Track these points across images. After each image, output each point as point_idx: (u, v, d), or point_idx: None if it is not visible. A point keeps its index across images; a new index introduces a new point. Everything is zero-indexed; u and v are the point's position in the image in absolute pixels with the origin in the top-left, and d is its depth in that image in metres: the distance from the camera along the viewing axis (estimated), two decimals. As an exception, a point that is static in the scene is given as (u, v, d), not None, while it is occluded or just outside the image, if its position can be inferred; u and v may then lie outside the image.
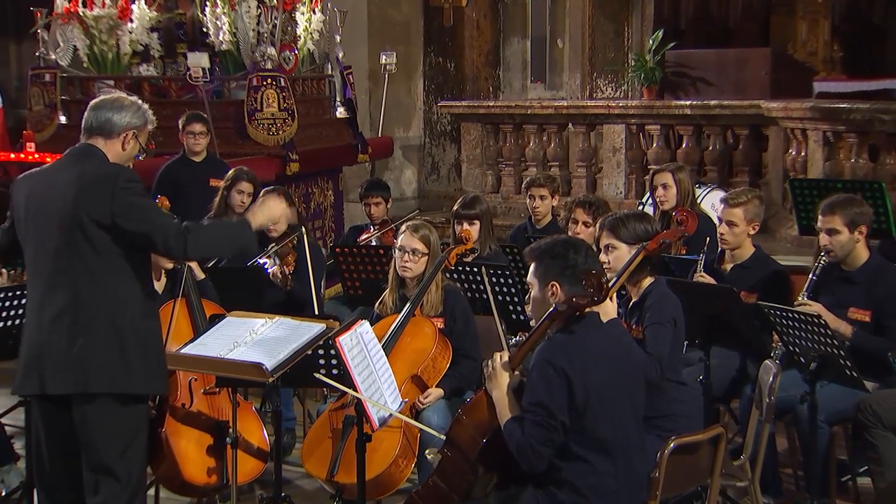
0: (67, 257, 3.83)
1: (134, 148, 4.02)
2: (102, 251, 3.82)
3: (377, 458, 4.34)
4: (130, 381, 3.86)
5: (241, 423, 4.50)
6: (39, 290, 3.93)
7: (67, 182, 3.84)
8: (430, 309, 4.97)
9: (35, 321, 3.94)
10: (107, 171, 3.87)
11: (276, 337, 4.09)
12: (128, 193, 3.83)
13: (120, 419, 3.89)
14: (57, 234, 3.84)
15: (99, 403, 3.85)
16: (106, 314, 3.84)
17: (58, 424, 3.95)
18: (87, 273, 3.83)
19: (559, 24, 11.42)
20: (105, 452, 3.89)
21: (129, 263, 3.88)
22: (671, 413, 4.22)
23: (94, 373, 3.81)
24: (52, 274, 3.87)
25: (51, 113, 8.43)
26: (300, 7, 8.49)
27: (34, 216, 3.93)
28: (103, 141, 3.94)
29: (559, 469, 3.50)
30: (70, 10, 8.37)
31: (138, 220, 3.83)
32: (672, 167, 6.47)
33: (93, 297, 3.83)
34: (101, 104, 4.00)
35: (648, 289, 4.43)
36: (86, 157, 3.92)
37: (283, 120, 8.18)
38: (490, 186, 10.85)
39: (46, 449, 4.01)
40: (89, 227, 3.80)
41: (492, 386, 3.62)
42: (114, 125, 3.94)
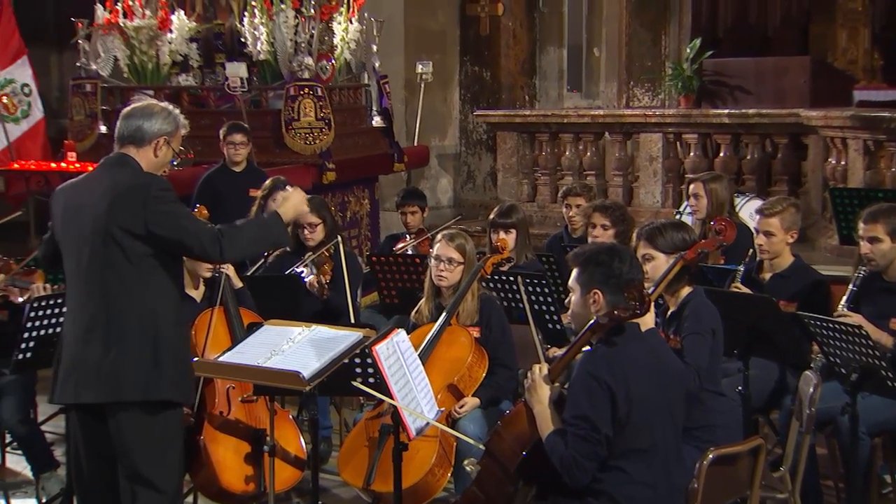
0: (101, 267, 3.87)
1: (167, 154, 4.04)
2: (135, 260, 3.85)
3: (414, 466, 4.34)
4: (160, 388, 3.89)
5: (278, 432, 4.51)
6: (75, 299, 3.97)
7: (101, 192, 3.88)
8: (467, 318, 4.96)
9: (71, 330, 3.98)
10: (139, 180, 3.90)
11: (313, 346, 4.10)
12: (160, 202, 3.86)
13: (153, 427, 3.91)
14: (90, 243, 3.87)
15: (132, 412, 3.88)
16: (138, 323, 3.87)
17: (95, 433, 3.98)
18: (119, 282, 3.86)
19: (596, 33, 11.41)
20: (141, 461, 3.91)
21: (160, 272, 3.91)
22: (710, 424, 4.18)
23: (125, 381, 3.84)
24: (86, 283, 3.91)
25: (91, 123, 8.52)
26: (337, 17, 8.53)
27: (69, 226, 3.97)
28: (135, 149, 3.97)
29: (598, 479, 3.48)
30: (111, 20, 8.46)
31: (172, 228, 3.85)
32: (705, 177, 6.43)
33: (125, 306, 3.86)
34: (131, 112, 4.03)
35: (686, 298, 4.40)
36: (119, 167, 3.96)
37: (320, 129, 8.22)
38: (526, 195, 10.83)
39: (85, 457, 4.05)
40: (122, 236, 3.83)
41: (532, 398, 3.60)
42: (144, 133, 3.97)
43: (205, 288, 5.12)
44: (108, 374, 3.84)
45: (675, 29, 11.07)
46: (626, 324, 3.55)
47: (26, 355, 4.87)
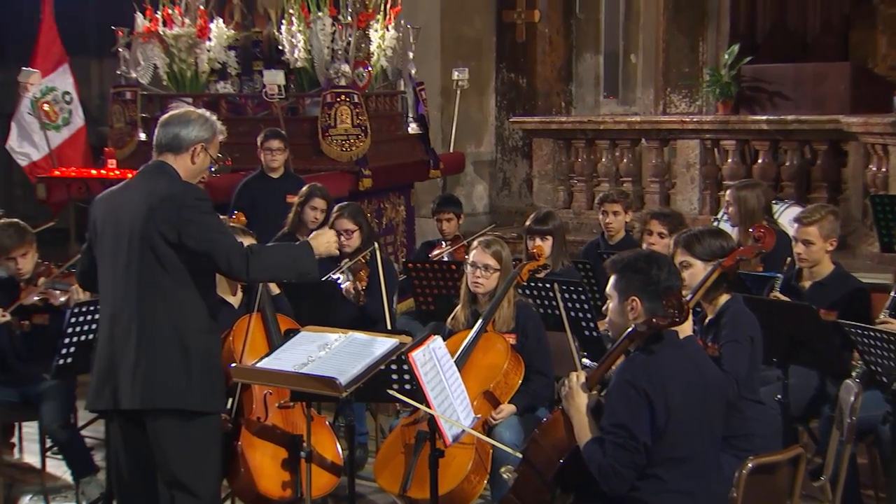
0: (137, 274, 3.90)
1: (204, 161, 4.06)
2: (170, 268, 3.88)
3: (450, 473, 4.33)
4: (192, 397, 3.92)
5: (315, 438, 4.52)
6: (110, 305, 4.01)
7: (138, 200, 3.91)
8: (503, 325, 4.96)
9: (106, 336, 4.01)
10: (175, 189, 3.92)
11: (349, 352, 4.11)
12: (194, 211, 3.88)
13: (189, 434, 3.94)
14: (127, 250, 3.90)
15: (167, 419, 3.91)
16: (171, 330, 3.90)
17: (133, 438, 4.02)
18: (154, 289, 3.89)
19: (633, 39, 11.37)
20: (178, 467, 3.94)
21: (194, 280, 3.93)
22: (749, 433, 4.15)
23: (159, 389, 3.88)
24: (121, 290, 3.94)
25: (131, 130, 8.60)
26: (374, 24, 8.56)
27: (106, 234, 4.01)
28: (173, 157, 4.00)
29: (636, 488, 3.46)
30: (150, 29, 8.54)
31: (202, 239, 3.87)
32: (738, 184, 6.38)
33: (159, 314, 3.90)
34: (168, 120, 4.06)
35: (724, 306, 4.37)
36: (156, 175, 3.99)
37: (356, 136, 8.25)
38: (562, 202, 10.80)
39: (124, 462, 4.09)
40: (158, 244, 3.86)
41: (569, 406, 3.59)
42: (182, 140, 3.99)
43: (242, 294, 5.15)
44: (142, 382, 3.87)
45: (713, 35, 11.01)
46: (664, 332, 3.54)
47: (67, 360, 4.93)
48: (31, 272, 5.48)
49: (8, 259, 5.47)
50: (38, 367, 5.38)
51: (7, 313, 5.27)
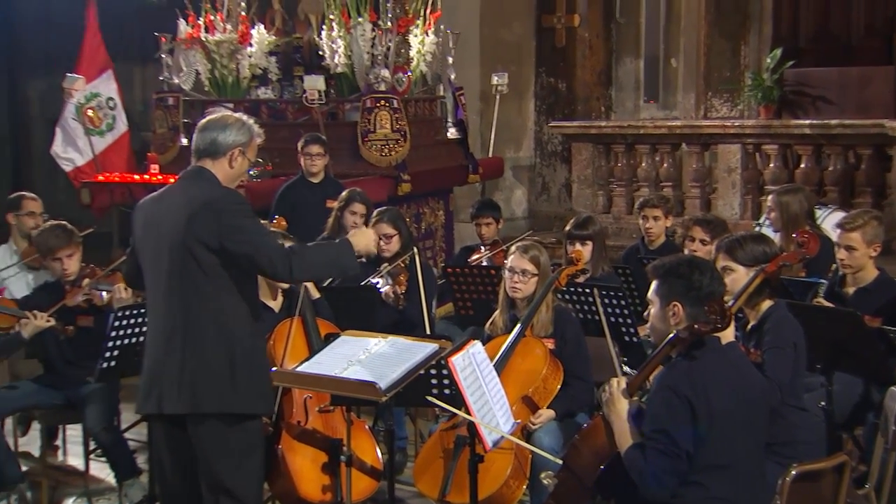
0: (179, 279, 3.92)
1: (242, 164, 4.07)
2: (211, 273, 3.90)
3: (489, 478, 4.32)
4: (238, 401, 3.93)
5: (354, 442, 4.53)
6: (155, 311, 4.04)
7: (178, 206, 3.93)
8: (541, 330, 4.95)
9: (152, 342, 4.04)
10: (214, 194, 3.94)
11: (389, 356, 4.11)
12: (234, 216, 3.90)
13: (232, 438, 3.96)
14: (169, 256, 3.93)
15: (211, 423, 3.93)
16: (215, 335, 3.91)
17: (177, 442, 4.04)
18: (197, 295, 3.91)
19: (673, 43, 11.31)
20: (221, 471, 3.96)
21: (236, 285, 3.95)
22: (792, 440, 4.11)
23: (204, 393, 3.90)
24: (165, 295, 3.96)
25: (174, 135, 8.66)
26: (413, 29, 8.57)
27: (149, 239, 4.03)
28: (211, 162, 4.01)
29: (678, 495, 3.44)
30: (193, 35, 8.59)
31: (243, 243, 3.88)
32: (780, 189, 6.33)
33: (202, 319, 3.91)
34: (206, 126, 4.07)
35: (767, 312, 4.33)
36: (196, 180, 4.01)
37: (396, 141, 8.26)
38: (601, 207, 10.76)
39: (168, 465, 4.12)
40: (198, 249, 3.87)
41: (610, 412, 3.57)
42: (219, 145, 4.01)
43: (283, 298, 5.18)
44: (187, 386, 3.90)
45: (756, 39, 10.93)
46: (706, 337, 3.51)
47: (110, 364, 4.98)
48: (76, 274, 5.55)
49: (54, 260, 5.53)
50: (82, 370, 5.43)
51: (52, 318, 5.32)
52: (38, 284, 5.99)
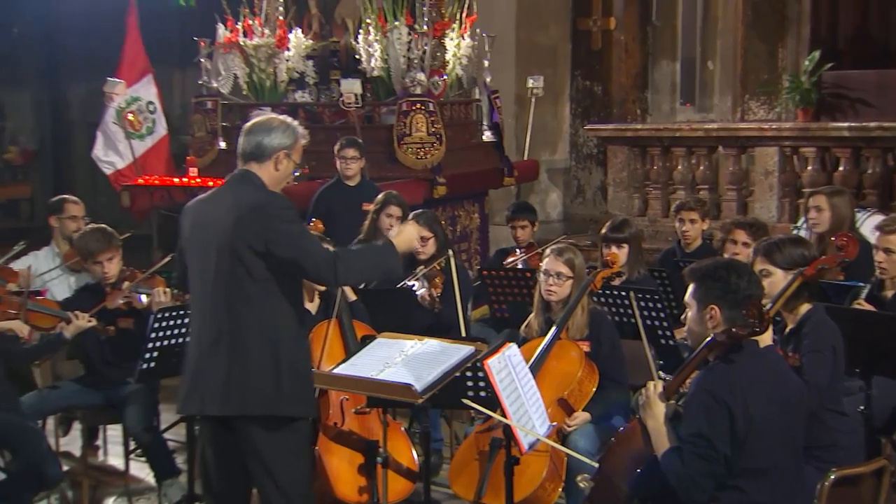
0: (225, 282, 3.93)
1: (288, 167, 4.07)
2: (257, 277, 3.91)
3: (524, 480, 4.32)
4: (282, 403, 3.94)
5: (390, 443, 4.54)
6: (200, 312, 4.06)
7: (225, 210, 3.94)
8: (576, 332, 4.93)
9: (196, 343, 4.06)
10: (261, 198, 3.95)
11: (425, 359, 4.11)
12: (280, 220, 3.91)
13: (280, 439, 3.97)
14: (215, 259, 3.94)
15: (259, 425, 3.94)
16: (260, 338, 3.93)
17: (222, 442, 4.07)
18: (242, 298, 3.92)
19: (710, 46, 11.23)
20: (269, 471, 3.98)
21: (281, 289, 3.96)
22: (831, 444, 4.07)
23: (249, 396, 3.91)
24: (210, 297, 3.98)
25: (212, 139, 8.71)
26: (449, 33, 8.58)
27: (196, 242, 4.05)
28: (257, 165, 4.03)
29: (715, 499, 3.41)
30: (231, 39, 8.64)
31: (290, 248, 3.89)
32: (828, 190, 6.27)
33: (248, 322, 3.92)
34: (251, 129, 4.08)
35: (806, 315, 4.29)
36: (242, 184, 4.02)
37: (431, 144, 8.27)
38: (636, 209, 10.69)
39: (213, 465, 4.14)
40: (245, 253, 3.88)
41: (646, 415, 3.55)
42: (265, 148, 4.02)
43: (320, 301, 5.20)
44: (233, 389, 3.91)
45: (793, 41, 10.82)
46: (744, 341, 3.48)
47: (150, 365, 5.01)
48: (117, 276, 5.59)
49: (95, 263, 5.58)
50: (122, 370, 5.47)
51: (93, 318, 5.37)
52: (79, 286, 6.04)
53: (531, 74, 9.85)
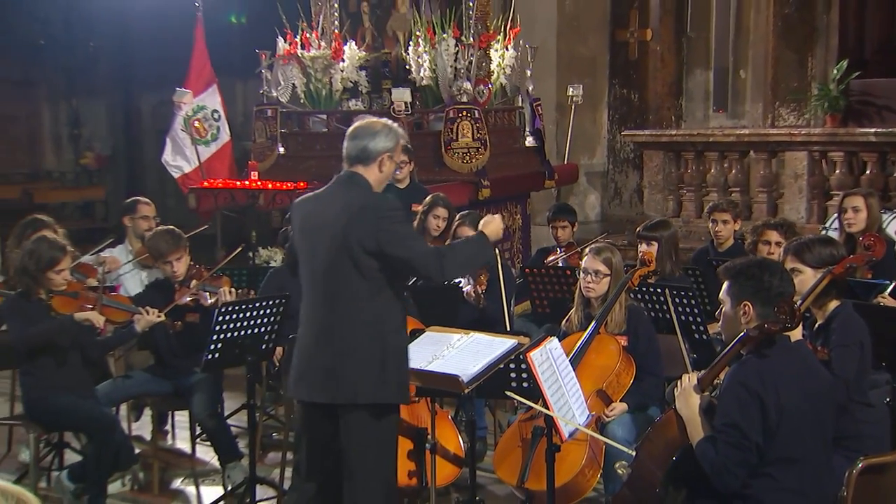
0: (335, 279, 3.95)
1: (390, 168, 4.09)
2: (366, 273, 3.92)
3: (565, 467, 4.30)
4: (385, 392, 3.95)
5: (438, 431, 4.54)
6: (310, 305, 4.07)
7: (337, 211, 3.96)
8: (615, 327, 4.91)
9: (305, 333, 4.08)
10: (371, 200, 3.98)
11: (471, 351, 4.12)
12: (391, 221, 3.93)
13: (377, 426, 3.99)
14: (326, 257, 3.96)
15: (361, 413, 3.95)
16: (366, 331, 3.94)
17: (320, 429, 4.08)
18: (351, 293, 3.94)
19: (742, 56, 11.11)
20: (365, 455, 3.99)
21: (389, 285, 3.97)
22: (858, 434, 4.01)
23: (357, 386, 3.92)
24: (321, 292, 4.00)
25: (272, 144, 8.76)
26: (494, 44, 8.56)
27: (307, 238, 4.08)
28: (363, 167, 4.04)
29: (748, 485, 3.38)
30: (290, 51, 8.69)
31: (400, 246, 3.91)
32: (863, 191, 6.19)
33: (355, 316, 3.94)
34: (356, 133, 4.08)
35: (834, 312, 4.24)
36: (351, 186, 4.03)
37: (477, 149, 8.26)
38: (671, 211, 10.61)
39: (307, 450, 4.16)
40: (356, 251, 3.90)
41: (682, 406, 3.53)
42: (369, 152, 4.03)
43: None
44: (340, 379, 3.93)
45: (822, 51, 10.67)
46: (775, 336, 3.44)
47: (214, 356, 5.05)
48: (185, 275, 5.65)
49: (164, 262, 5.64)
50: (189, 361, 5.53)
51: (163, 314, 5.43)
52: (150, 282, 6.11)
53: (571, 83, 9.80)
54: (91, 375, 5.46)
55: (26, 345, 5.14)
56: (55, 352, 5.14)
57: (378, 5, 9.05)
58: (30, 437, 5.30)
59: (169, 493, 5.64)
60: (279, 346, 5.39)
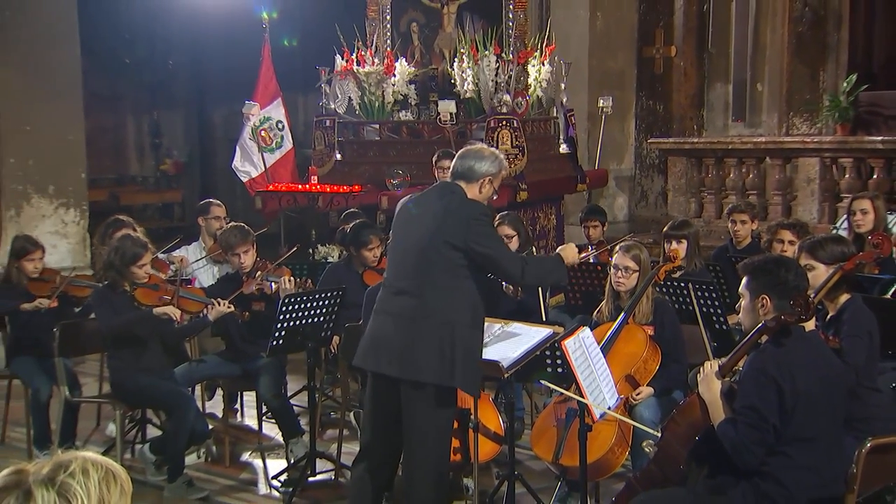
0: (424, 270, 3.96)
1: (489, 191, 4.10)
2: (451, 269, 3.93)
3: (596, 445, 4.27)
4: (452, 377, 3.92)
5: (481, 412, 4.52)
6: (395, 289, 4.06)
7: (434, 213, 3.99)
8: (642, 318, 4.87)
9: (382, 317, 4.07)
10: (466, 206, 3.99)
11: (510, 339, 4.11)
12: (481, 224, 3.96)
13: (437, 408, 3.97)
14: (417, 251, 3.98)
15: (423, 392, 3.94)
16: (443, 319, 3.92)
17: (385, 400, 4.07)
18: (433, 285, 3.94)
19: (759, 70, 10.97)
20: (423, 431, 3.99)
21: (469, 282, 3.97)
22: (867, 417, 3.94)
23: (423, 365, 3.91)
24: (408, 280, 3.99)
25: (330, 152, 8.80)
26: (532, 60, 8.52)
27: (401, 232, 4.11)
28: (465, 183, 4.06)
29: (765, 463, 3.34)
30: (347, 67, 8.72)
31: (488, 247, 3.93)
32: (870, 195, 6.10)
33: (435, 305, 3.94)
34: (466, 153, 4.12)
35: (845, 304, 4.18)
36: (449, 193, 4.06)
37: (515, 155, 8.22)
38: (693, 212, 10.50)
39: (370, 418, 4.16)
40: (446, 249, 3.91)
41: (704, 390, 3.49)
42: (474, 172, 4.05)
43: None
44: (411, 357, 3.92)
45: (833, 65, 10.52)
46: (791, 326, 3.39)
47: (279, 342, 5.08)
48: (251, 267, 5.69)
49: (234, 255, 5.69)
50: (256, 347, 5.56)
51: (232, 305, 5.47)
52: (221, 275, 6.17)
53: (602, 95, 9.72)
54: (169, 359, 5.52)
55: (112, 332, 5.20)
56: (137, 338, 5.20)
57: (426, 25, 9.05)
58: (116, 413, 5.36)
59: (238, 465, 5.68)
60: (336, 335, 5.41)
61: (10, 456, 5.58)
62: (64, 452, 1.87)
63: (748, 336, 3.46)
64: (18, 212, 8.10)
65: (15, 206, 8.09)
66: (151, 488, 5.20)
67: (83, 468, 1.83)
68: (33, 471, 1.83)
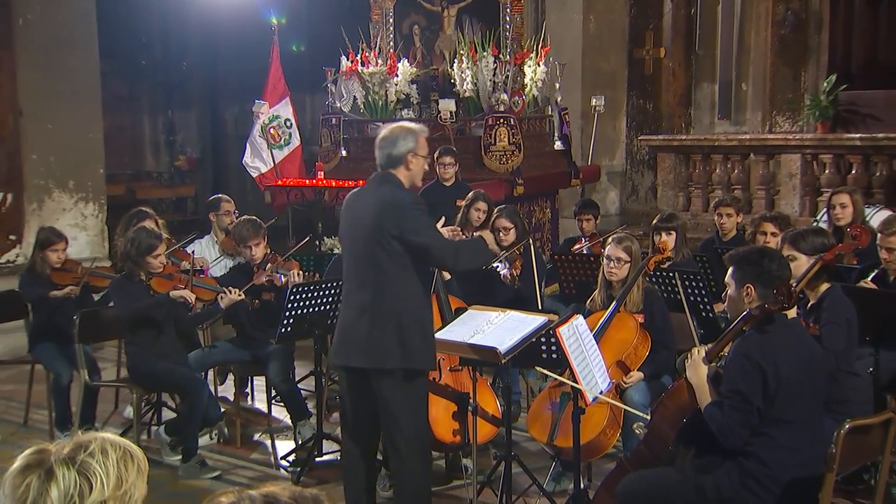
0: (369, 262, 3.95)
1: (418, 163, 4.02)
2: (394, 258, 3.91)
3: (588, 427, 4.27)
4: (412, 359, 3.94)
5: (479, 395, 4.51)
6: (351, 285, 4.07)
7: (371, 204, 3.97)
8: (633, 306, 4.86)
9: (346, 312, 4.09)
10: (398, 195, 3.96)
11: (507, 327, 4.10)
12: (415, 213, 3.93)
13: (403, 391, 3.98)
14: (363, 243, 3.97)
15: (388, 378, 3.95)
16: (396, 307, 3.93)
17: (358, 390, 4.09)
18: (382, 276, 3.93)
19: (744, 71, 10.95)
20: (397, 415, 3.99)
21: (413, 268, 3.96)
22: (845, 399, 3.96)
23: (383, 353, 3.92)
24: (360, 275, 4.00)
25: (335, 148, 8.80)
26: (528, 61, 8.51)
27: (349, 229, 4.09)
28: (394, 170, 4.02)
29: (749, 443, 3.34)
30: (352, 68, 8.72)
31: (419, 235, 3.91)
32: (849, 189, 6.10)
33: (386, 295, 3.93)
34: (379, 144, 4.06)
35: (825, 293, 4.18)
36: (384, 184, 4.02)
37: (512, 152, 8.22)
38: (681, 206, 10.48)
39: (349, 409, 4.18)
40: (385, 240, 3.90)
41: (692, 375, 3.48)
42: (395, 157, 4.01)
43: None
44: (372, 347, 3.93)
45: (814, 67, 10.51)
46: (774, 314, 3.39)
47: (287, 329, 5.07)
48: (262, 259, 5.68)
49: (245, 247, 5.68)
50: (265, 334, 5.56)
51: (243, 293, 5.47)
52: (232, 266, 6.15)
53: (594, 95, 9.72)
54: (184, 345, 5.52)
55: (130, 318, 5.20)
56: (153, 325, 5.20)
57: (427, 28, 9.03)
58: (133, 396, 5.37)
59: (249, 446, 5.69)
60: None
61: (32, 437, 5.58)
62: (84, 434, 1.88)
63: (734, 323, 3.46)
64: (40, 205, 8.10)
65: (37, 200, 8.09)
66: (166, 468, 5.21)
67: (102, 448, 1.84)
68: (55, 450, 1.83)
